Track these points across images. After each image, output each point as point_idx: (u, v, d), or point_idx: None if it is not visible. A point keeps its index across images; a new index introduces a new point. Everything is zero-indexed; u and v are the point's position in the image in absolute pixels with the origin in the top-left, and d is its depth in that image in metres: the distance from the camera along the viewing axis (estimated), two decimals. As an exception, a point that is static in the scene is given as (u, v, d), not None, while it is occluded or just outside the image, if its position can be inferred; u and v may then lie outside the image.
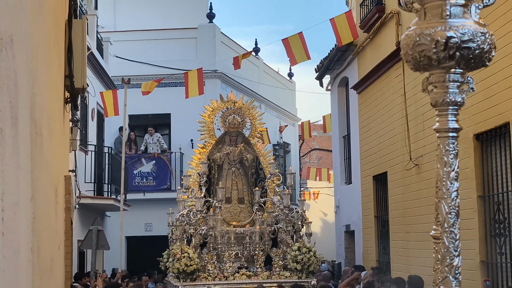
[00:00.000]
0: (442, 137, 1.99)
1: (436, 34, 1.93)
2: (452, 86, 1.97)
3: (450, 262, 1.94)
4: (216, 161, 10.91)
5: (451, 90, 1.97)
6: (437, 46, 1.93)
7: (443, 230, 1.96)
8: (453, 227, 1.95)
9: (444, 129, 1.99)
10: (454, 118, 1.99)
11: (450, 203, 1.96)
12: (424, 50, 1.95)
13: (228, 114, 10.95)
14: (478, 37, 1.94)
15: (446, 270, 1.94)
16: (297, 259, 9.78)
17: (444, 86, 1.97)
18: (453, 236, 1.95)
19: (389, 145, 11.30)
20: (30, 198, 2.23)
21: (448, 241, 1.95)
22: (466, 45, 1.93)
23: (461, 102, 1.99)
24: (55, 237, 3.97)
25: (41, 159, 2.78)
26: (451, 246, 1.95)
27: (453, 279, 1.92)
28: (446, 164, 1.98)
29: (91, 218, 12.29)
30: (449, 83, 1.98)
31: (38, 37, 2.60)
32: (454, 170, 1.98)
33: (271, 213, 10.26)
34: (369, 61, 12.43)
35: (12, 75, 1.74)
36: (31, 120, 2.35)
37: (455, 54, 1.93)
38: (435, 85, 1.99)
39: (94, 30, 14.97)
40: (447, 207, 1.96)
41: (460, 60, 1.94)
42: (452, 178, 1.98)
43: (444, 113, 1.99)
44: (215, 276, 9.67)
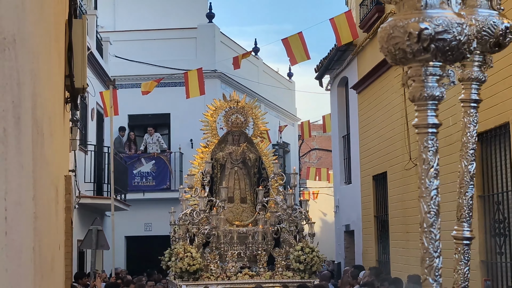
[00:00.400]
0: (421, 133, 1.92)
1: (409, 26, 1.85)
2: (431, 80, 1.90)
3: (429, 264, 1.88)
4: (219, 160, 10.91)
5: (430, 84, 1.89)
6: (410, 38, 1.85)
7: (422, 230, 1.90)
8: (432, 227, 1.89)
9: (423, 124, 1.92)
10: (434, 114, 1.91)
11: (428, 202, 1.90)
12: (398, 43, 1.88)
13: (231, 113, 10.95)
14: (454, 28, 1.85)
15: (426, 272, 1.88)
16: (300, 259, 9.76)
17: (421, 80, 1.90)
18: (432, 236, 1.89)
19: (388, 145, 11.31)
20: (32, 197, 2.23)
21: (427, 242, 1.89)
22: (440, 37, 1.85)
23: (439, 96, 1.91)
24: (55, 237, 3.97)
25: (42, 158, 2.78)
26: (431, 247, 1.88)
27: (433, 281, 1.86)
28: (425, 162, 1.91)
29: (90, 218, 12.30)
30: (426, 77, 1.90)
31: (39, 37, 2.60)
32: (433, 167, 1.90)
33: (274, 213, 10.24)
34: (369, 61, 12.43)
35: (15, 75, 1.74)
36: (33, 120, 2.35)
37: (430, 46, 1.85)
38: (413, 79, 1.92)
39: (94, 30, 14.97)
40: (425, 206, 1.90)
41: (436, 53, 1.87)
42: (431, 175, 1.91)
43: (422, 108, 1.92)
44: (218, 276, 9.67)
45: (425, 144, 1.92)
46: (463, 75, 2.53)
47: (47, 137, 3.07)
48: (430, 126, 1.91)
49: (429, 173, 1.91)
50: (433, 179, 1.91)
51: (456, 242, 2.61)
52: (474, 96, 2.55)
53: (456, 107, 8.74)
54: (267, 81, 20.55)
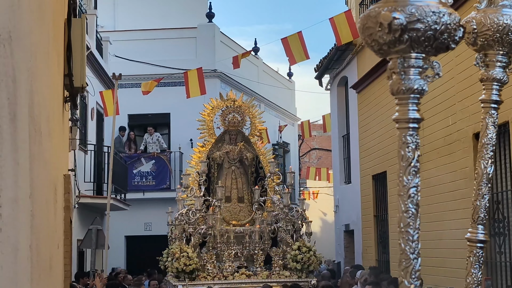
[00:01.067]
0: (401, 128, 1.82)
1: (380, 16, 1.76)
2: (412, 72, 1.80)
3: (405, 266, 1.77)
4: (216, 159, 10.87)
5: (409, 76, 1.80)
6: (382, 28, 1.75)
7: (399, 230, 1.81)
8: (410, 228, 1.78)
9: (404, 119, 1.81)
10: (415, 108, 1.81)
11: (406, 200, 1.79)
12: (372, 34, 1.79)
13: (228, 112, 10.91)
14: (429, 17, 1.74)
15: (402, 274, 1.78)
16: (297, 259, 9.74)
17: (399, 73, 1.81)
18: (409, 237, 1.78)
19: (388, 145, 11.30)
20: (29, 195, 2.23)
21: (404, 243, 1.78)
22: (413, 26, 1.73)
23: (419, 89, 1.80)
24: (54, 236, 3.97)
25: (40, 157, 2.78)
26: (407, 248, 1.78)
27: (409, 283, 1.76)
28: (403, 158, 1.81)
29: (90, 218, 12.31)
30: (405, 69, 1.80)
31: (37, 35, 2.60)
32: (413, 164, 1.80)
33: (271, 212, 10.23)
34: (369, 60, 12.43)
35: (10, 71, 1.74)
36: (30, 117, 2.34)
37: (403, 37, 1.75)
38: (393, 71, 1.82)
39: (94, 29, 14.97)
40: (403, 206, 1.80)
41: (412, 44, 1.76)
42: (409, 172, 1.81)
43: (403, 102, 1.81)
44: (215, 276, 9.64)
45: (403, 139, 1.83)
46: (486, 75, 2.46)
47: (45, 136, 3.07)
48: (411, 121, 1.82)
49: (407, 170, 1.82)
50: (411, 177, 1.82)
51: (470, 244, 2.51)
52: (495, 97, 2.47)
53: (456, 106, 8.75)
54: (267, 80, 20.55)
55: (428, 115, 9.54)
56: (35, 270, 2.48)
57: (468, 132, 8.07)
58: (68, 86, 5.71)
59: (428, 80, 1.85)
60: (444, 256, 8.94)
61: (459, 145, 8.48)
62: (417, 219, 1.80)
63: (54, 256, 4.01)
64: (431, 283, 8.85)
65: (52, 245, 3.78)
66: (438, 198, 9.15)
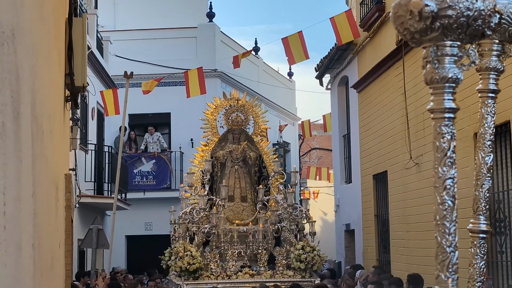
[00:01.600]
0: (437, 118, 1.78)
1: (411, 4, 1.72)
2: (448, 60, 1.75)
3: (442, 259, 1.75)
4: (219, 159, 10.83)
5: (444, 65, 1.75)
6: (412, 17, 1.72)
7: (435, 223, 1.76)
8: (446, 220, 1.74)
9: (439, 109, 1.77)
10: (451, 97, 1.77)
11: (442, 192, 1.75)
12: (403, 23, 1.75)
13: (231, 111, 10.87)
14: (461, 3, 1.69)
15: (439, 268, 1.75)
16: (301, 258, 9.66)
17: (432, 61, 1.76)
18: (445, 230, 1.74)
19: (389, 144, 11.30)
20: (32, 194, 2.22)
21: (441, 236, 1.75)
22: (445, 13, 1.69)
23: (454, 78, 1.76)
24: (55, 235, 3.97)
25: (42, 156, 2.78)
26: (444, 242, 1.74)
27: (446, 278, 1.73)
28: (439, 149, 1.77)
29: (91, 217, 12.30)
30: (438, 58, 1.75)
31: (38, 34, 2.60)
32: (448, 154, 1.76)
33: (275, 211, 10.14)
34: (369, 60, 12.42)
35: (14, 69, 1.73)
36: (32, 116, 2.34)
37: (435, 25, 1.70)
38: (428, 60, 1.78)
39: (94, 29, 14.97)
40: (439, 198, 1.76)
41: (445, 31, 1.72)
42: (445, 164, 1.76)
43: (438, 92, 1.77)
44: (218, 275, 9.57)
45: (438, 130, 1.79)
46: (481, 64, 2.43)
47: (46, 135, 3.07)
48: (446, 110, 1.77)
49: (443, 161, 1.77)
50: (447, 168, 1.77)
51: (472, 235, 2.47)
52: (492, 86, 2.44)
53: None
54: (268, 80, 20.55)
55: (429, 114, 9.51)
56: (37, 269, 2.48)
57: (468, 131, 8.06)
58: (69, 86, 5.70)
59: (464, 69, 1.79)
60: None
61: (459, 144, 8.48)
62: (454, 212, 1.77)
63: (56, 255, 4.01)
64: (432, 283, 8.83)
65: (53, 244, 3.78)
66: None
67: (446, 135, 1.80)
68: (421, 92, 9.89)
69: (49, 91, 3.39)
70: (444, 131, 1.79)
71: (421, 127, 9.83)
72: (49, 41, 3.29)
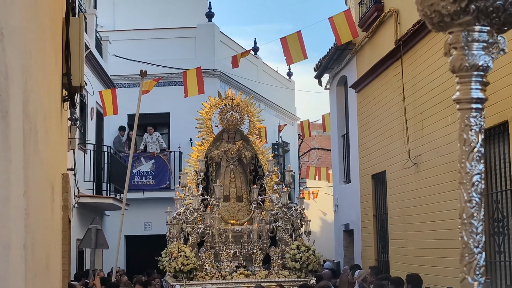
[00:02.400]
0: (463, 109, 1.65)
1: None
2: (477, 47, 1.63)
3: (469, 261, 1.63)
4: (214, 158, 10.78)
5: (472, 52, 1.63)
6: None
7: (461, 221, 1.64)
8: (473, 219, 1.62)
9: (466, 99, 1.63)
10: (479, 86, 1.64)
11: (469, 189, 1.62)
12: (433, 4, 1.64)
13: (226, 111, 10.80)
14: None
15: (465, 270, 1.63)
16: (296, 258, 9.65)
17: (462, 48, 1.63)
18: (473, 229, 1.61)
19: (387, 144, 11.29)
20: (23, 193, 2.22)
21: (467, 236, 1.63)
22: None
23: (484, 66, 1.62)
24: (51, 235, 3.96)
25: (36, 155, 2.77)
26: (471, 242, 1.62)
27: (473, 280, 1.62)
28: (466, 142, 1.64)
29: (90, 217, 12.30)
30: (468, 44, 1.62)
31: (31, 33, 2.59)
32: (477, 148, 1.64)
33: (270, 211, 10.14)
34: (368, 59, 12.42)
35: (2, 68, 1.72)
36: (25, 115, 2.33)
37: (469, 7, 1.59)
38: (454, 46, 1.65)
39: (93, 29, 14.97)
40: (465, 194, 1.63)
41: (479, 15, 1.59)
42: (473, 158, 1.64)
43: (465, 80, 1.64)
44: (213, 276, 9.53)
45: (466, 121, 1.66)
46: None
47: (41, 134, 3.06)
48: (474, 101, 1.65)
49: (471, 155, 1.65)
50: (475, 163, 1.65)
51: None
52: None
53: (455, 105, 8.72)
54: (267, 80, 20.54)
55: (428, 114, 9.53)
56: (30, 269, 2.47)
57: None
58: (67, 85, 5.70)
59: (493, 57, 1.69)
60: (443, 255, 8.92)
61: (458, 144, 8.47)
62: (481, 210, 1.66)
63: (52, 255, 4.00)
64: (430, 283, 8.84)
65: (49, 244, 3.77)
66: (437, 197, 9.13)
67: (474, 127, 1.68)
68: (419, 92, 9.88)
69: (45, 91, 3.38)
70: (473, 123, 1.67)
71: (420, 127, 9.82)
72: (44, 40, 3.28)
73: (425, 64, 9.62)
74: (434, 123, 9.27)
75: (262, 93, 19.94)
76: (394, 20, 10.83)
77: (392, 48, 10.79)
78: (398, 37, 10.61)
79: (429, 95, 9.47)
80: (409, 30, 10.00)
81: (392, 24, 10.92)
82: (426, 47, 9.62)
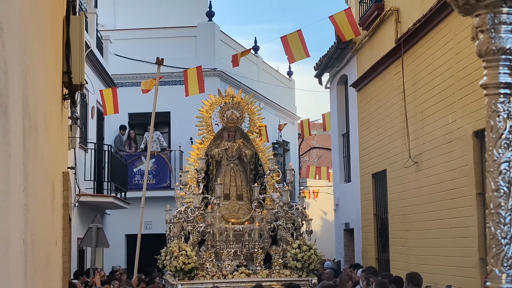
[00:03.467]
0: (490, 95, 1.57)
1: None
2: (505, 29, 1.55)
3: (496, 252, 1.55)
4: (214, 157, 10.70)
5: (500, 34, 1.55)
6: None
7: (489, 212, 1.56)
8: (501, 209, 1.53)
9: (493, 84, 1.56)
10: (507, 71, 1.57)
11: (496, 178, 1.54)
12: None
13: (226, 109, 10.72)
14: None
15: (492, 262, 1.56)
16: (297, 257, 9.54)
17: (489, 30, 1.56)
18: (500, 220, 1.53)
19: (388, 143, 11.29)
20: (23, 189, 2.22)
21: (494, 226, 1.55)
22: None
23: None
24: (51, 232, 3.97)
25: (36, 152, 2.78)
26: (498, 233, 1.55)
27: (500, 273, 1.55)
28: (493, 129, 1.57)
29: (90, 216, 12.30)
30: (495, 26, 1.55)
31: (31, 30, 2.59)
32: (504, 135, 1.56)
33: (271, 210, 9.99)
34: (368, 58, 12.41)
35: (2, 63, 1.73)
36: (24, 112, 2.34)
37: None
38: (481, 29, 1.58)
39: (94, 28, 14.98)
40: (493, 183, 1.55)
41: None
42: (500, 145, 1.57)
43: (493, 64, 1.56)
44: (214, 275, 9.43)
45: (493, 107, 1.58)
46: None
47: (41, 132, 3.07)
48: (502, 86, 1.58)
49: (498, 142, 1.59)
50: (503, 150, 1.58)
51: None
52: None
53: (456, 104, 8.73)
54: (267, 79, 20.55)
55: (428, 113, 9.52)
56: (30, 265, 2.48)
57: (468, 130, 8.05)
58: (67, 84, 5.70)
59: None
60: (442, 254, 8.93)
61: (459, 143, 8.47)
62: (510, 199, 1.58)
63: (52, 252, 4.01)
64: (430, 281, 8.84)
65: (49, 241, 3.78)
66: (438, 196, 9.13)
67: (502, 113, 1.61)
68: (420, 91, 9.88)
69: (45, 88, 3.39)
70: (500, 109, 1.60)
71: (420, 125, 9.82)
72: (44, 38, 3.29)
73: (426, 63, 9.62)
74: (434, 121, 9.27)
75: (262, 92, 19.94)
76: (395, 19, 10.83)
77: (392, 47, 10.79)
78: (398, 36, 10.61)
79: (429, 93, 9.47)
80: (410, 28, 10.00)
81: (393, 22, 10.92)
82: (426, 46, 9.62)
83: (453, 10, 9.32)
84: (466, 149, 8.05)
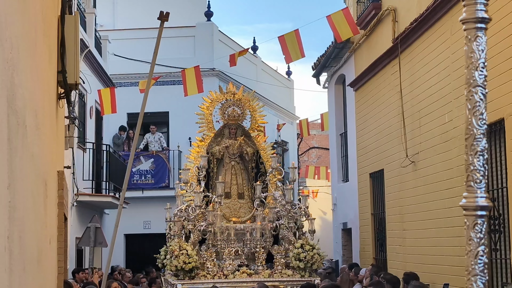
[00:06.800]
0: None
1: None
2: None
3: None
4: (215, 154, 10.48)
5: None
6: None
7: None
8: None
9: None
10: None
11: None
12: None
13: (228, 106, 10.50)
14: None
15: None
16: (300, 257, 9.31)
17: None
18: None
19: (385, 143, 11.29)
20: (7, 186, 2.23)
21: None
22: None
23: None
24: (44, 231, 3.97)
25: (24, 150, 2.78)
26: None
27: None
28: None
29: (89, 216, 12.32)
30: None
31: (18, 28, 2.60)
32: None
33: (273, 208, 9.75)
34: (366, 58, 12.42)
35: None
36: (11, 109, 2.35)
37: None
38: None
39: (93, 28, 14.99)
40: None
41: None
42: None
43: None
44: (215, 274, 9.24)
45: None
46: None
47: (31, 130, 3.07)
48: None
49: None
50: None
51: (466, 214, 1.95)
52: (481, 13, 1.83)
53: (452, 104, 8.74)
54: (266, 79, 20.55)
55: (425, 112, 9.53)
56: (16, 262, 2.48)
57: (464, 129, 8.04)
58: (62, 83, 5.70)
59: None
60: (440, 254, 8.93)
61: (455, 142, 8.48)
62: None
63: (45, 251, 4.01)
64: (427, 280, 8.84)
65: (41, 239, 3.78)
66: (434, 196, 9.13)
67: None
68: (417, 90, 9.88)
69: (36, 87, 3.40)
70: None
71: (417, 125, 9.82)
72: (34, 36, 3.29)
73: (423, 62, 9.63)
74: (431, 121, 9.28)
75: (261, 92, 19.94)
76: (392, 18, 10.84)
77: (390, 46, 10.80)
78: (395, 35, 10.61)
79: (426, 93, 9.47)
80: (407, 28, 10.00)
81: (390, 22, 10.93)
82: (423, 45, 9.62)
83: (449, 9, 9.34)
84: (462, 148, 8.04)
